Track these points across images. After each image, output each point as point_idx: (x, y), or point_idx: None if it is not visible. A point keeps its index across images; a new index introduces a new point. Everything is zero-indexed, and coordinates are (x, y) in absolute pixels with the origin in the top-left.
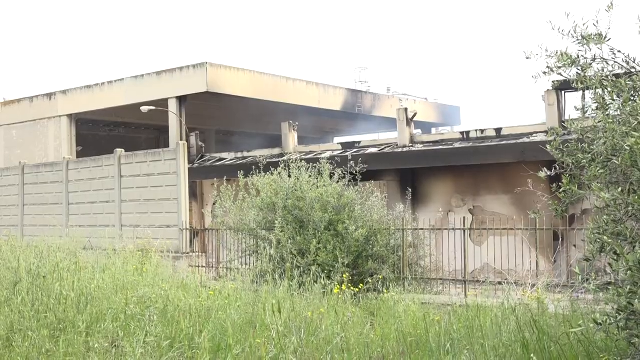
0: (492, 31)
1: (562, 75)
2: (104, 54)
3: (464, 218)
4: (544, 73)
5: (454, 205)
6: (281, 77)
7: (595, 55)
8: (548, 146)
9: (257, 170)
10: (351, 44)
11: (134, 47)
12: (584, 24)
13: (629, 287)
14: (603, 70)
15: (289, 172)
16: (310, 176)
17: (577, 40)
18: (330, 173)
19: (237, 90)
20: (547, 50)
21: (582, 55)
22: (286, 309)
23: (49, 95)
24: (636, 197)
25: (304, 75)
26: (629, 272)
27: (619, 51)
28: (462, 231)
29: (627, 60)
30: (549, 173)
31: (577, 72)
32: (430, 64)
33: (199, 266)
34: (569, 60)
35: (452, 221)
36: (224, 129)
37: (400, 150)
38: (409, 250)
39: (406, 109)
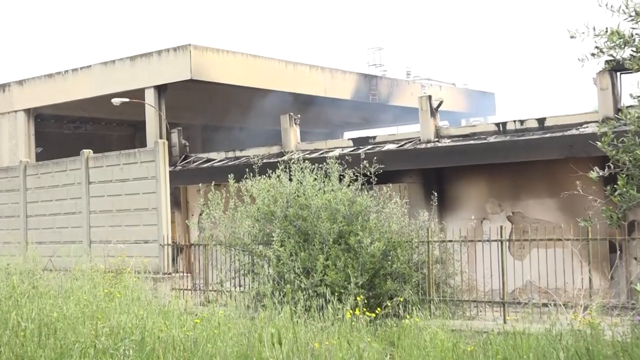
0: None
1: (613, 56)
2: (69, 38)
3: (502, 227)
4: (592, 55)
5: (489, 212)
6: (279, 61)
7: None
8: (599, 142)
9: (252, 173)
10: (362, 21)
11: (106, 30)
12: None
13: None
14: None
15: (290, 175)
16: (315, 179)
17: (630, 16)
18: (340, 175)
19: (227, 77)
20: (594, 29)
21: (637, 33)
22: (288, 340)
23: (2, 87)
24: None
25: (307, 58)
26: None
27: None
28: (500, 243)
29: None
30: (601, 173)
31: (632, 53)
32: (457, 43)
33: (183, 289)
34: (621, 40)
35: (487, 231)
36: (211, 124)
37: (423, 146)
38: (436, 267)
39: (430, 97)
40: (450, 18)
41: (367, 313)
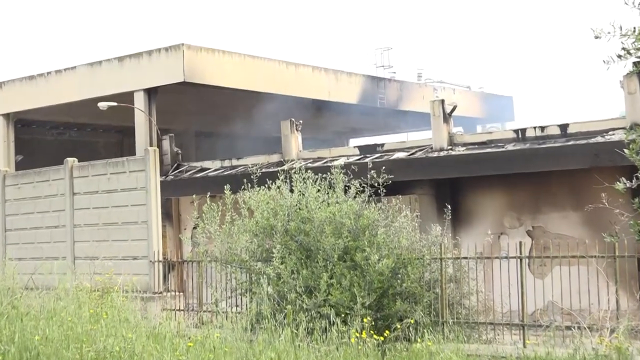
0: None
1: None
2: (53, 38)
3: (521, 243)
4: (619, 56)
5: (507, 226)
6: (280, 62)
7: None
8: (626, 150)
9: (250, 184)
10: (369, 19)
11: (93, 29)
12: None
13: None
14: None
15: (291, 186)
16: (318, 190)
17: None
18: (345, 186)
19: (223, 80)
20: (621, 29)
21: None
22: None
23: None
24: None
25: (310, 59)
26: None
27: None
28: (519, 260)
29: None
30: (628, 184)
31: None
32: (472, 43)
33: (175, 309)
34: None
35: (505, 247)
36: (206, 131)
37: (435, 154)
38: (449, 286)
39: (442, 101)
40: (464, 16)
41: (375, 336)
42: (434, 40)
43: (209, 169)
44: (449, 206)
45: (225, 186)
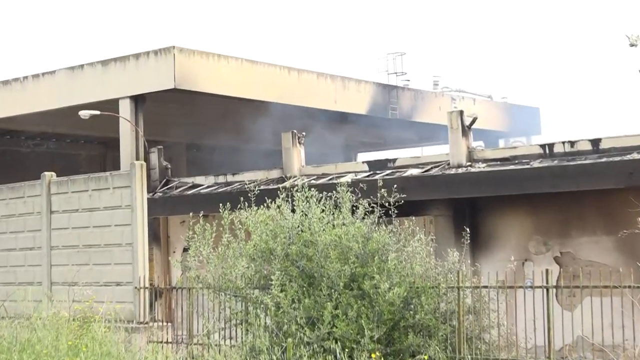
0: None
1: None
2: (31, 39)
3: (547, 270)
4: None
5: (532, 252)
6: (281, 68)
7: None
8: None
9: (247, 202)
10: (381, 22)
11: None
12: None
13: None
14: None
15: (293, 205)
16: (323, 211)
17: None
18: (352, 206)
19: (217, 87)
20: None
21: None
22: None
23: None
24: None
25: (315, 65)
26: None
27: None
28: (545, 290)
29: None
30: None
31: None
32: (494, 48)
33: (162, 341)
34: None
35: (529, 275)
36: (199, 143)
37: (453, 171)
38: (468, 318)
39: (461, 112)
40: (485, 19)
41: None
42: (452, 44)
43: (202, 185)
44: (468, 229)
45: (219, 205)
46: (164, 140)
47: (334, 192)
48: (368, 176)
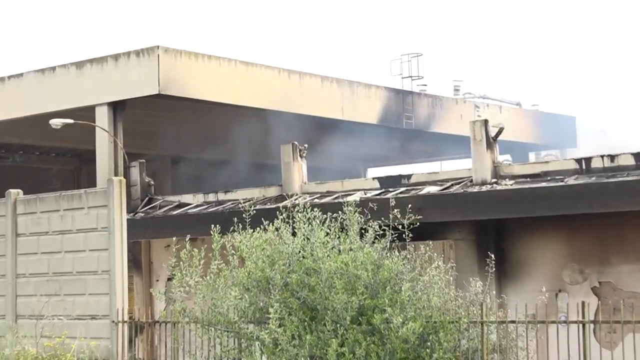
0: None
1: None
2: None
3: (584, 303)
4: None
5: (567, 282)
6: (280, 71)
7: None
8: None
9: (241, 224)
10: (393, 21)
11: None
12: None
13: None
14: None
15: (293, 227)
16: (327, 234)
17: None
18: (361, 228)
19: (208, 92)
20: None
21: None
22: None
23: None
24: None
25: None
26: None
27: None
28: (581, 325)
29: None
30: None
31: None
32: (523, 49)
33: None
34: None
35: (563, 308)
36: (186, 156)
37: (476, 189)
38: (492, 358)
39: (486, 121)
40: (512, 17)
41: None
42: (475, 45)
43: (189, 204)
44: (493, 255)
45: (209, 227)
46: (146, 153)
47: (340, 212)
48: (379, 194)
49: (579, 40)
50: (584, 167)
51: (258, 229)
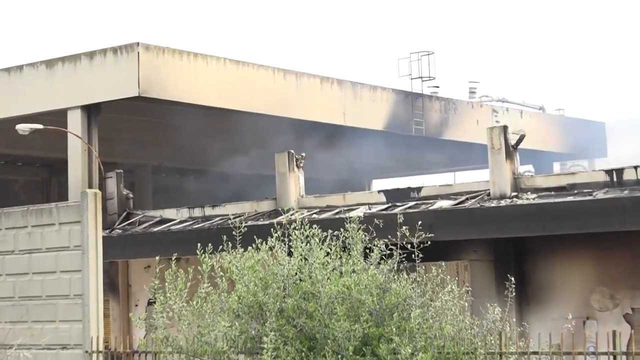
0: None
1: None
2: None
3: (615, 332)
4: None
5: (596, 308)
6: (275, 70)
7: None
8: None
9: (231, 242)
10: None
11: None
12: None
13: None
14: None
15: (289, 246)
16: (327, 254)
17: None
18: (365, 248)
19: (193, 94)
20: None
21: None
22: None
23: None
24: None
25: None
26: None
27: None
28: (612, 357)
29: None
30: None
31: None
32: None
33: None
34: None
35: (592, 337)
36: (169, 166)
37: (494, 204)
38: None
39: (505, 128)
40: (534, 12)
41: None
42: (492, 42)
43: (173, 220)
44: (513, 278)
45: (195, 245)
46: (124, 163)
47: (342, 229)
48: (385, 209)
49: (609, 37)
50: (615, 179)
51: (250, 248)
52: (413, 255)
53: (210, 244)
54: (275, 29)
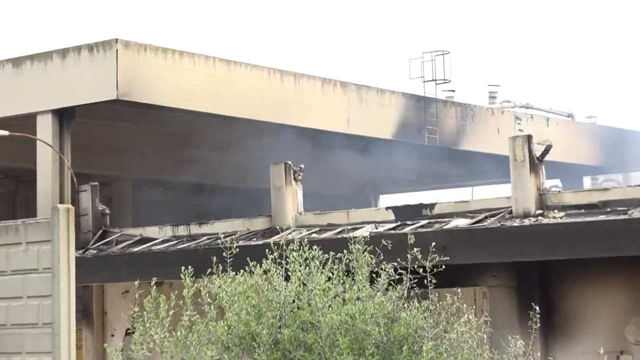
0: None
1: None
2: None
3: None
4: None
5: (631, 341)
6: (271, 71)
7: None
8: None
9: (220, 265)
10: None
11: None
12: None
13: None
14: None
15: (286, 270)
16: (329, 279)
17: None
18: (371, 272)
19: (178, 98)
20: None
21: None
22: None
23: None
24: None
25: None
26: None
27: None
28: None
29: None
30: None
31: None
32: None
33: None
34: None
35: None
36: (151, 178)
37: (516, 223)
38: None
39: (529, 137)
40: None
41: None
42: (514, 40)
43: (155, 239)
44: (538, 307)
45: (179, 268)
46: (101, 174)
47: (345, 251)
48: (394, 228)
49: None
50: None
51: (242, 271)
52: (425, 281)
53: (196, 267)
54: (272, 28)
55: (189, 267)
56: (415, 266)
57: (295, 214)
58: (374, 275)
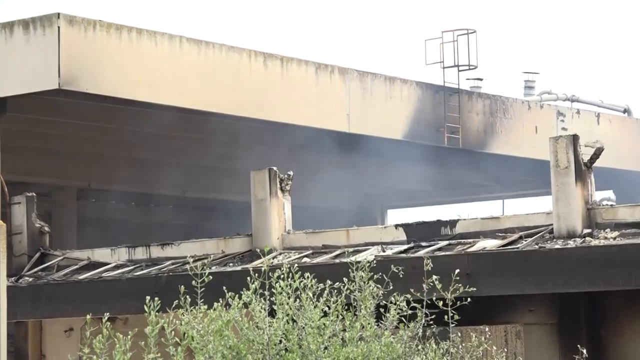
0: None
1: None
2: None
3: None
4: None
5: None
6: (252, 54)
7: None
8: None
9: (189, 296)
10: None
11: None
12: None
13: None
14: None
15: (271, 303)
16: (325, 314)
17: None
18: (378, 306)
19: (136, 87)
20: None
21: None
22: None
23: None
24: None
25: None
26: None
27: None
28: None
29: None
30: None
31: None
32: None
33: None
34: None
35: None
36: (101, 187)
37: (558, 245)
38: None
39: (574, 138)
40: None
41: None
42: (556, 21)
43: (106, 264)
44: (585, 349)
45: (138, 300)
46: (39, 183)
47: (345, 279)
48: (406, 251)
49: None
50: None
51: (216, 304)
52: (445, 317)
53: (158, 298)
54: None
55: (152, 298)
56: (433, 298)
57: (282, 232)
58: (381, 310)
